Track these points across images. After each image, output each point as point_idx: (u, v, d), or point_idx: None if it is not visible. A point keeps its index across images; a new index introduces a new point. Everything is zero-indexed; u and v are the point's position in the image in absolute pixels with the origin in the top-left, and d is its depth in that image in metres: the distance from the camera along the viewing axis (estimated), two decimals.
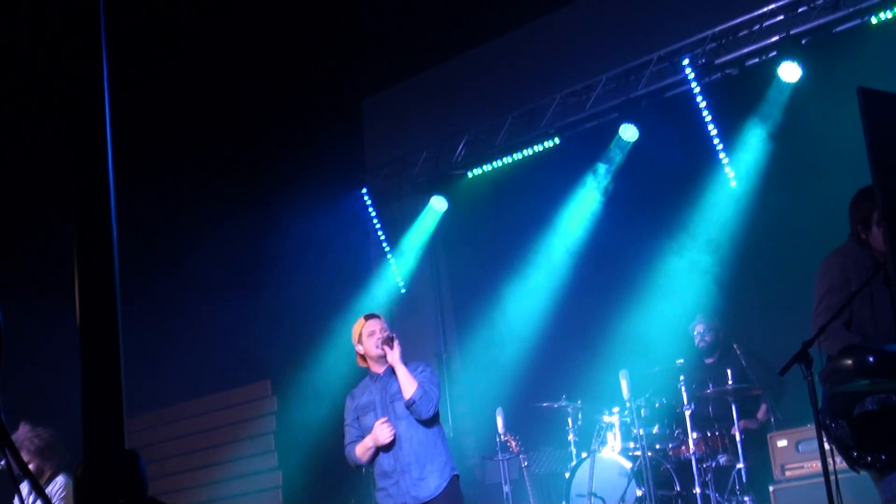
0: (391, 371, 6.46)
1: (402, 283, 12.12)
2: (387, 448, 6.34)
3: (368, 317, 6.63)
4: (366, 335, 6.53)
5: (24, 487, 6.39)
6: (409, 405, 6.28)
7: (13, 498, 2.54)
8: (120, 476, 1.99)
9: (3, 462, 5.23)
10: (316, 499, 11.26)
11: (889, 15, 8.65)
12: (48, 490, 6.78)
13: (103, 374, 2.05)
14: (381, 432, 6.29)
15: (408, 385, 6.31)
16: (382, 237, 12.16)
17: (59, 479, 6.90)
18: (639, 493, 8.27)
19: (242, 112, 11.73)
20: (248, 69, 11.29)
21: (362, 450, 6.41)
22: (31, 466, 6.71)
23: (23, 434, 6.86)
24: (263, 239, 11.56)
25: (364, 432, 6.45)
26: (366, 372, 6.69)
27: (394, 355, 6.39)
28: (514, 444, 8.84)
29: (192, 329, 11.31)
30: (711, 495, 8.17)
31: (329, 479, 11.22)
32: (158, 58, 10.51)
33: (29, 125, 10.28)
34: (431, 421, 6.36)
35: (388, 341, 6.43)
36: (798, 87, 9.23)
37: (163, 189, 11.16)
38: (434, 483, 6.26)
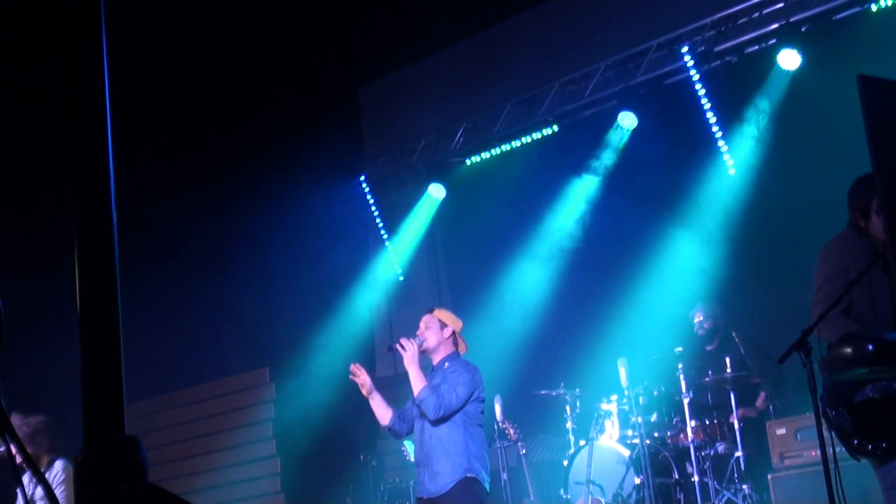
0: (441, 364, 6.55)
1: (400, 271, 12.12)
2: (417, 440, 6.46)
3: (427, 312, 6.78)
4: None
5: (25, 476, 6.41)
6: (417, 404, 6.32)
7: (15, 487, 2.54)
8: (120, 462, 1.99)
9: (2, 448, 5.24)
10: (313, 485, 11.28)
11: (889, 2, 8.62)
12: (46, 476, 6.79)
13: (103, 361, 2.05)
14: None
15: (415, 385, 6.36)
16: (380, 225, 12.15)
17: (58, 464, 6.92)
18: (637, 480, 8.28)
19: (240, 100, 11.71)
20: (245, 57, 11.26)
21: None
22: None
23: (13, 423, 6.87)
24: (262, 226, 11.55)
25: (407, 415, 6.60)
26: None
27: (405, 360, 6.43)
28: (512, 431, 8.84)
29: (190, 316, 11.31)
30: (710, 483, 8.18)
31: (327, 466, 11.25)
32: (155, 46, 10.48)
33: (29, 113, 10.26)
34: (453, 420, 6.34)
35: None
36: (798, 75, 9.21)
37: (160, 176, 11.13)
38: (443, 480, 6.26)
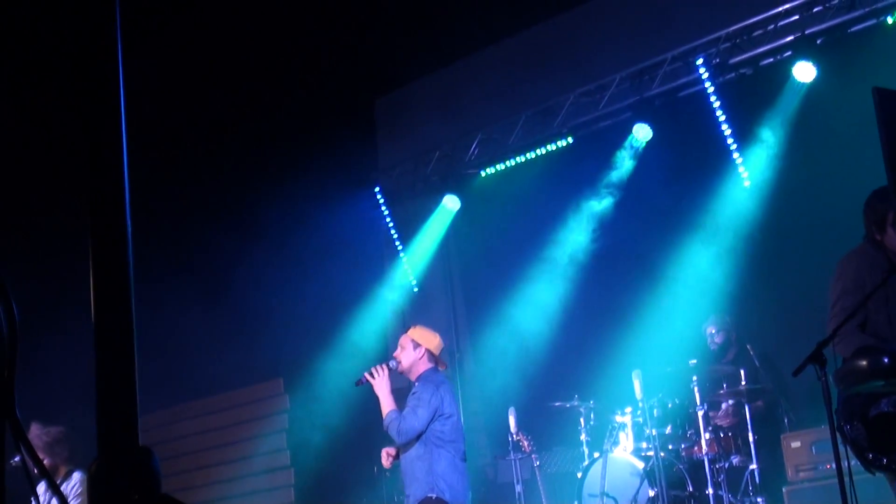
0: (415, 385, 6.64)
1: (414, 282, 12.13)
2: None
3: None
4: None
5: (41, 486, 6.42)
6: (385, 429, 6.53)
7: (30, 497, 2.55)
8: (134, 472, 2.00)
9: (17, 458, 5.26)
10: (328, 497, 11.27)
11: None
12: (64, 487, 6.81)
13: (117, 371, 2.05)
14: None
15: (382, 411, 6.57)
16: (395, 236, 12.17)
17: (76, 476, 6.93)
18: (651, 493, 8.25)
19: (256, 112, 11.75)
20: (260, 69, 11.30)
21: None
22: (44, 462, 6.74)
23: (33, 433, 6.91)
24: (276, 236, 11.57)
25: None
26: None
27: (374, 387, 6.62)
28: (526, 443, 8.83)
29: (204, 327, 11.32)
30: (724, 496, 8.15)
31: (341, 477, 11.24)
32: (171, 58, 10.53)
33: (41, 121, 10.32)
34: (421, 441, 6.46)
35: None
36: (813, 87, 9.19)
37: (176, 187, 11.17)
38: (411, 502, 6.43)
